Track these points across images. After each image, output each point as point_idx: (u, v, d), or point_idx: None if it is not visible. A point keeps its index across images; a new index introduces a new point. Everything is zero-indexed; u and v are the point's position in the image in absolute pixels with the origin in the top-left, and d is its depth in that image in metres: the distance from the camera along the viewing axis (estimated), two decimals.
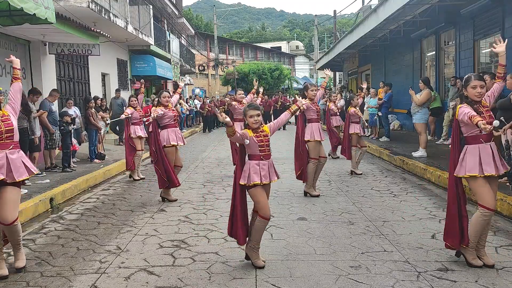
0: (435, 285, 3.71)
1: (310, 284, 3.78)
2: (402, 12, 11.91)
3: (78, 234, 5.36)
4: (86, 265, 4.30)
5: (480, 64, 11.33)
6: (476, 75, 4.06)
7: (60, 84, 11.84)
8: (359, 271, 4.02)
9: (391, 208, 6.25)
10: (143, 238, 5.08)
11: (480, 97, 3.96)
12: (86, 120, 10.45)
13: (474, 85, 3.96)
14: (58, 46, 10.70)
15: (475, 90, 3.95)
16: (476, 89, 3.94)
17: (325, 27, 56.39)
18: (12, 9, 6.45)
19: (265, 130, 4.18)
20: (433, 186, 7.72)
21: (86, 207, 6.74)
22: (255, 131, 4.12)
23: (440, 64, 13.73)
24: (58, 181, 7.86)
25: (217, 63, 38.91)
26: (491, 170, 3.93)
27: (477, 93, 3.94)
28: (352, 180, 8.40)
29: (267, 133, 4.17)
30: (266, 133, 4.16)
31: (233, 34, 72.19)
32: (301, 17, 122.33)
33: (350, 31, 17.74)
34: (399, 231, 5.16)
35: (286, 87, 43.11)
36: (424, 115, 9.94)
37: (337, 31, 30.53)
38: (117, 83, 16.68)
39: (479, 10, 10.61)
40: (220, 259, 4.39)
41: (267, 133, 4.17)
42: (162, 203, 6.81)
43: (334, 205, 6.47)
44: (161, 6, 21.99)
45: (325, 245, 4.72)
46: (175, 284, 3.84)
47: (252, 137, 4.08)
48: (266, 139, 4.15)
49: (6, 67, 9.38)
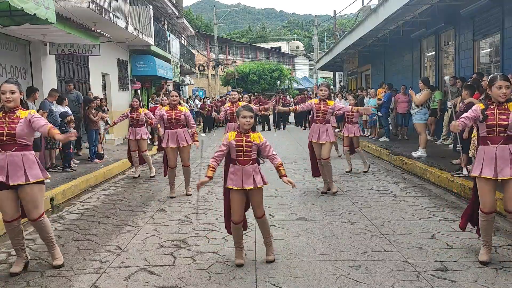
0: (435, 285, 3.72)
1: (310, 283, 3.78)
2: (401, 12, 11.92)
3: (78, 234, 5.37)
4: (87, 265, 4.31)
5: (480, 64, 11.34)
6: (502, 75, 4.01)
7: (60, 84, 11.84)
8: (359, 271, 4.02)
9: (391, 208, 6.25)
10: (143, 238, 5.09)
11: (505, 97, 3.92)
12: (86, 120, 10.47)
13: (499, 85, 3.91)
14: (58, 46, 10.71)
15: (500, 90, 3.91)
16: (502, 90, 3.90)
17: (325, 27, 56.32)
18: (13, 9, 6.45)
19: (252, 137, 4.10)
20: (432, 186, 7.72)
21: (87, 207, 6.75)
22: (239, 135, 4.09)
23: (439, 64, 13.74)
24: (58, 181, 7.86)
25: (217, 63, 38.93)
26: (488, 173, 3.91)
27: (502, 94, 3.91)
28: (352, 180, 8.40)
29: (252, 140, 4.08)
30: (251, 139, 4.09)
31: (233, 34, 72.13)
32: (301, 18, 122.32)
33: (350, 31, 17.76)
34: (399, 231, 5.17)
35: (286, 87, 43.12)
36: (424, 115, 9.95)
37: (337, 32, 30.52)
38: (118, 83, 16.68)
39: (478, 10, 10.62)
40: (220, 258, 4.40)
41: (252, 140, 4.08)
42: (162, 203, 6.82)
43: (334, 205, 6.47)
44: (161, 7, 21.98)
45: (325, 245, 4.73)
46: (175, 284, 3.85)
47: (232, 141, 4.07)
48: (248, 145, 4.06)
49: (7, 67, 9.39)
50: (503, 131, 3.88)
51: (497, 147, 3.91)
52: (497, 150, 3.90)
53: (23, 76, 10.07)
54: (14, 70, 9.71)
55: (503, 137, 3.89)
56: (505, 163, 3.88)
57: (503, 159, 3.89)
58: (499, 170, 3.90)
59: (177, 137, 7.07)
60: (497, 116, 3.88)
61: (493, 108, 3.91)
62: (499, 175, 3.90)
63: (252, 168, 4.11)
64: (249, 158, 4.09)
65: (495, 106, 3.92)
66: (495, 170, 3.91)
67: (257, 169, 4.17)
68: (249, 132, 4.13)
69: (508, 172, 3.88)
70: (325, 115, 6.94)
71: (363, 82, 22.95)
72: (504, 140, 3.90)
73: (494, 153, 3.91)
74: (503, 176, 3.89)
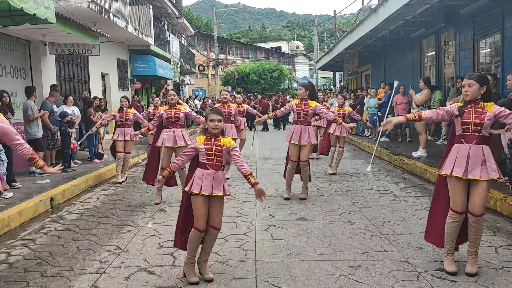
0: (435, 285, 3.72)
1: (310, 284, 3.78)
2: (401, 12, 11.91)
3: (78, 234, 5.36)
4: (86, 265, 4.30)
5: (480, 64, 11.34)
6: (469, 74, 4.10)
7: (60, 84, 11.83)
8: (359, 271, 4.02)
9: (391, 208, 6.25)
10: (143, 238, 5.08)
11: (466, 95, 3.95)
12: (86, 120, 10.46)
13: (463, 84, 4.03)
14: (58, 46, 10.69)
15: (463, 89, 4.00)
16: (464, 88, 3.98)
17: (325, 27, 56.32)
18: (12, 9, 6.45)
19: (222, 141, 3.93)
20: (433, 186, 7.69)
21: (86, 207, 6.74)
22: (208, 139, 3.92)
23: (440, 64, 13.74)
24: (58, 181, 7.85)
25: (217, 63, 38.94)
26: (459, 172, 3.87)
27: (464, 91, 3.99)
28: (352, 180, 8.40)
29: (222, 144, 3.91)
30: (221, 143, 3.91)
31: (233, 34, 72.09)
32: (301, 17, 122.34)
33: (350, 31, 17.75)
34: (399, 231, 5.16)
35: (286, 87, 43.12)
36: None
37: (337, 31, 30.54)
38: (117, 83, 16.69)
39: (478, 10, 10.60)
40: (220, 259, 4.40)
41: (222, 144, 3.91)
42: (162, 203, 6.81)
43: (334, 205, 6.47)
44: (161, 6, 21.97)
45: (325, 245, 4.72)
46: (175, 284, 3.84)
47: (201, 145, 3.89)
48: (218, 150, 3.90)
49: (6, 67, 9.38)
50: (478, 130, 3.86)
51: (471, 146, 3.88)
52: (471, 149, 3.87)
53: (22, 76, 10.06)
54: (14, 70, 9.70)
55: (478, 136, 3.88)
56: (477, 163, 3.84)
57: (475, 159, 3.85)
58: (470, 170, 3.85)
59: (174, 136, 6.79)
60: (473, 115, 3.89)
61: (470, 107, 3.94)
62: (469, 175, 3.84)
63: (222, 174, 3.96)
64: (221, 164, 3.94)
65: (472, 105, 3.94)
66: (465, 169, 3.86)
67: (224, 176, 4.01)
68: (219, 136, 3.96)
69: (478, 173, 3.83)
70: (306, 116, 6.66)
71: (363, 82, 22.94)
72: (479, 140, 3.88)
73: (467, 152, 3.88)
74: (472, 177, 3.83)
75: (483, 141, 3.90)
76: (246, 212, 6.15)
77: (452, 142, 4.07)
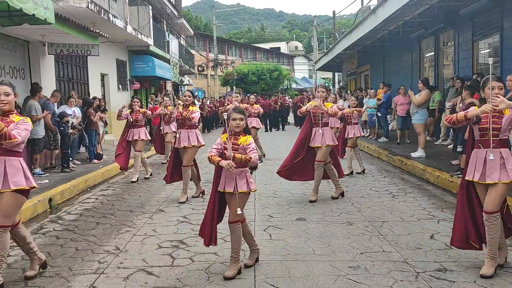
0: (434, 285, 3.72)
1: (309, 284, 3.78)
2: (401, 13, 11.92)
3: (77, 234, 5.36)
4: (85, 266, 4.30)
5: (479, 64, 11.34)
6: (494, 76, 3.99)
7: (59, 84, 11.82)
8: (358, 272, 4.02)
9: (390, 208, 6.25)
10: (142, 239, 5.08)
11: None
12: (86, 120, 10.46)
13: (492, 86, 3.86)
14: (57, 46, 10.69)
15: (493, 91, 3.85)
16: (494, 90, 3.86)
17: (324, 27, 56.35)
18: (12, 9, 6.44)
19: (240, 140, 4.01)
20: (432, 186, 7.72)
21: (85, 208, 6.73)
22: (229, 137, 3.99)
23: (439, 64, 13.75)
24: (57, 182, 7.85)
25: (216, 64, 38.91)
26: (477, 176, 3.89)
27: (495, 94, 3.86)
28: (351, 180, 8.40)
29: (239, 143, 3.99)
30: (238, 142, 4.00)
31: (232, 34, 72.09)
32: (300, 18, 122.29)
33: (349, 32, 17.75)
34: (398, 232, 5.17)
35: (285, 88, 43.11)
36: (423, 115, 9.95)
37: (336, 32, 30.55)
38: (116, 83, 16.67)
39: (478, 11, 10.62)
40: (219, 259, 4.40)
41: (239, 143, 3.99)
42: (160, 203, 6.81)
43: (333, 205, 6.47)
44: (160, 7, 21.97)
45: (324, 246, 4.72)
46: (173, 284, 3.84)
47: (222, 143, 4.02)
48: (235, 148, 3.96)
49: (5, 67, 9.37)
50: (496, 135, 3.85)
51: (487, 151, 3.87)
52: (487, 154, 3.86)
53: (22, 76, 10.06)
54: (13, 70, 9.69)
55: (495, 140, 3.85)
56: (495, 167, 3.84)
57: (493, 163, 3.84)
58: (488, 174, 3.85)
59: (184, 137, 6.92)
60: (491, 119, 3.85)
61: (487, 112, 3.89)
62: (487, 179, 3.85)
63: (242, 171, 4.02)
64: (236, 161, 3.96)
65: None
66: (482, 173, 3.87)
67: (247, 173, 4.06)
68: (240, 134, 4.05)
69: (496, 176, 3.83)
70: (316, 117, 6.67)
71: (362, 83, 22.95)
72: (496, 144, 3.86)
73: (484, 157, 3.88)
74: (491, 180, 3.84)
75: (500, 144, 3.88)
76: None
77: (472, 147, 4.06)
